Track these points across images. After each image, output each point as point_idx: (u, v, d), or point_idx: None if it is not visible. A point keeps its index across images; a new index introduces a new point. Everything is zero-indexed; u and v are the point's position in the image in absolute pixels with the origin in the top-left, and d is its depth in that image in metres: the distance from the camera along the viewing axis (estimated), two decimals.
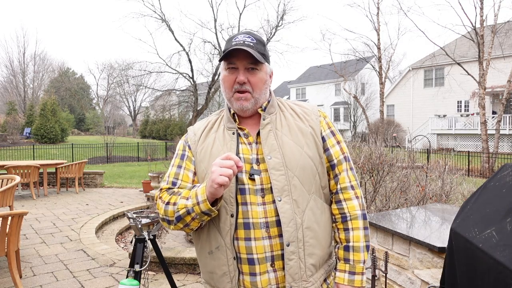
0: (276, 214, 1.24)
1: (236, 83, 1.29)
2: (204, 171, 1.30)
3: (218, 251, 1.27)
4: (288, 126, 1.34)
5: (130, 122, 52.59)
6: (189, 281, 3.85)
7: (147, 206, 7.25)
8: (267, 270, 1.24)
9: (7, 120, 28.13)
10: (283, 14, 26.03)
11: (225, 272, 1.26)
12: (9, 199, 5.29)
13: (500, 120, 15.81)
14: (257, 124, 1.35)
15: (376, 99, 29.54)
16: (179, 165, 1.36)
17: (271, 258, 1.24)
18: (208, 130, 1.39)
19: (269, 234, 1.23)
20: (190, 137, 1.40)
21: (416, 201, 4.50)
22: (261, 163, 1.28)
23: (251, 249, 1.23)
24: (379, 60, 22.30)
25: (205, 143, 1.35)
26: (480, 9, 14.65)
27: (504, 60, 19.43)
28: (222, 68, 1.34)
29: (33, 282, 3.86)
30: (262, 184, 1.26)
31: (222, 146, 1.31)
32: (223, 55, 1.29)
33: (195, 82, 26.83)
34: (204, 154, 1.32)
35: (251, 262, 1.24)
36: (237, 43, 1.27)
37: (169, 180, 1.34)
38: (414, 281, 2.35)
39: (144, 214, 2.96)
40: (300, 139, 1.32)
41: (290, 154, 1.27)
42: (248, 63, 1.28)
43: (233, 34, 1.36)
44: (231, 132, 1.34)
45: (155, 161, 16.78)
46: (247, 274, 1.25)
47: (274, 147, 1.28)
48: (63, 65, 50.90)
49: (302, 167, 1.28)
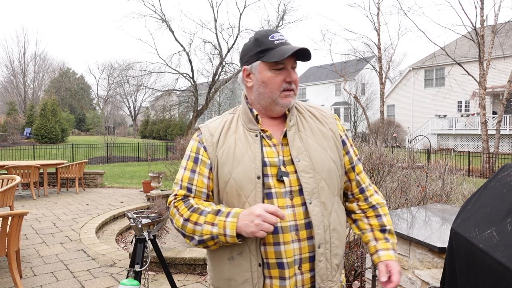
0: (305, 217, 1.24)
1: (285, 83, 1.28)
2: (227, 174, 1.26)
3: (241, 257, 1.23)
4: (310, 128, 1.34)
5: (131, 122, 52.59)
6: (189, 281, 3.85)
7: (147, 206, 7.25)
8: (295, 273, 1.23)
9: (8, 120, 28.14)
10: (284, 14, 26.05)
11: (247, 279, 1.23)
12: (10, 199, 5.29)
13: (501, 120, 15.79)
14: (278, 126, 1.34)
15: (377, 99, 29.54)
16: (192, 169, 1.31)
17: (299, 261, 1.23)
18: (226, 130, 1.33)
19: (299, 237, 1.22)
20: (206, 138, 1.33)
21: (417, 201, 4.50)
22: (288, 165, 1.27)
23: (280, 254, 1.21)
24: (380, 60, 22.29)
25: (226, 145, 1.30)
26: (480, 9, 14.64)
27: (504, 60, 19.43)
28: (264, 68, 1.28)
29: (33, 282, 3.86)
30: (291, 186, 1.25)
31: (246, 148, 1.27)
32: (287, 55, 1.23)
33: (195, 82, 26.83)
34: (227, 157, 1.27)
35: (281, 266, 1.22)
36: (282, 43, 1.27)
37: (183, 185, 1.31)
38: (414, 281, 2.35)
39: (144, 214, 2.96)
40: (323, 142, 1.33)
41: (317, 157, 1.28)
42: (293, 62, 1.29)
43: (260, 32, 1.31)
44: (254, 134, 1.30)
45: (155, 161, 16.79)
46: (276, 278, 1.23)
47: (301, 150, 1.28)
48: (63, 65, 50.96)
49: (328, 170, 1.29)
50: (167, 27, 25.24)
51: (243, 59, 1.34)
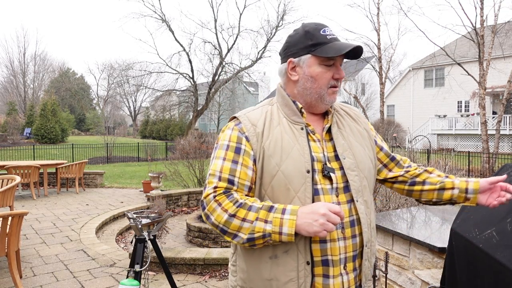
0: (350, 214, 1.22)
1: (333, 80, 1.26)
2: (275, 167, 1.19)
3: (287, 255, 1.17)
4: (349, 127, 1.34)
5: (130, 122, 52.59)
6: (189, 281, 3.85)
7: (147, 206, 7.25)
8: (340, 272, 1.19)
9: (8, 120, 28.16)
10: (283, 14, 26.07)
11: (292, 278, 1.17)
12: (9, 199, 5.29)
13: (501, 120, 15.79)
14: (318, 121, 1.32)
15: (377, 99, 29.53)
16: (234, 159, 1.21)
17: (344, 260, 1.20)
18: (269, 121, 1.27)
19: (344, 235, 1.20)
20: (248, 128, 1.25)
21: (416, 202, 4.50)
22: (332, 162, 1.25)
23: (325, 251, 1.18)
24: (379, 60, 22.28)
25: (272, 136, 1.23)
26: (480, 9, 14.64)
27: (504, 60, 19.42)
28: (314, 63, 1.25)
29: (33, 282, 3.86)
30: (337, 183, 1.22)
31: (294, 141, 1.22)
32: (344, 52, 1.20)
33: (195, 82, 26.85)
34: (274, 148, 1.21)
35: (325, 264, 1.18)
36: (334, 38, 1.25)
37: (223, 177, 1.19)
38: (414, 281, 2.35)
39: (144, 214, 2.96)
40: (361, 141, 1.33)
41: (359, 156, 1.28)
42: (342, 59, 1.27)
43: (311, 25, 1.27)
44: (299, 127, 1.26)
45: (155, 161, 16.77)
46: (319, 276, 1.18)
47: (345, 147, 1.27)
48: (63, 65, 50.99)
49: (369, 169, 1.30)
50: (167, 27, 25.27)
51: (289, 51, 1.28)
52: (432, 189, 1.39)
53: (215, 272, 4.02)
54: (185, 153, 9.37)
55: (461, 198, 1.35)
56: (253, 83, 40.97)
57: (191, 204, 7.89)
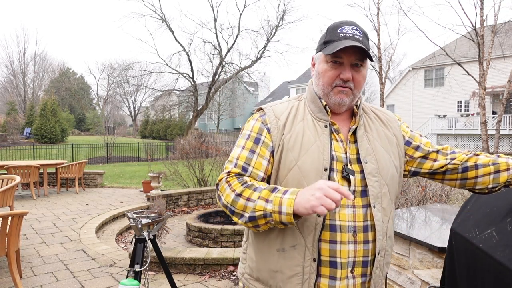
0: (364, 219, 1.19)
1: (339, 79, 1.22)
2: (292, 161, 1.20)
3: (294, 250, 1.17)
4: (376, 131, 1.30)
5: (130, 122, 52.58)
6: (189, 281, 3.85)
7: (147, 206, 7.25)
8: (347, 275, 1.18)
9: (7, 120, 28.15)
10: (283, 14, 26.07)
11: (298, 273, 1.17)
12: (9, 199, 5.29)
13: (500, 120, 15.81)
14: (345, 121, 1.30)
15: (376, 99, 29.55)
16: (252, 149, 1.23)
17: (352, 264, 1.18)
18: (293, 116, 1.27)
19: (355, 239, 1.18)
20: (271, 120, 1.26)
21: (416, 201, 4.50)
22: (353, 164, 1.23)
23: (335, 252, 1.17)
24: (379, 60, 22.29)
25: (294, 130, 1.23)
26: (480, 9, 14.65)
27: (504, 60, 19.43)
28: (322, 60, 1.25)
29: (33, 282, 3.86)
30: (355, 186, 1.20)
31: (315, 138, 1.22)
32: (335, 50, 1.17)
33: (195, 82, 26.85)
34: (294, 143, 1.21)
35: (333, 265, 1.17)
36: (346, 36, 1.19)
37: (238, 164, 1.21)
38: (414, 281, 2.35)
39: (144, 214, 2.96)
40: (388, 146, 1.30)
41: (383, 161, 1.25)
42: (355, 59, 1.20)
43: (336, 23, 1.24)
44: (323, 124, 1.24)
45: (155, 161, 16.77)
46: (326, 277, 1.18)
47: (369, 151, 1.24)
48: (63, 65, 50.94)
49: (391, 176, 1.26)
50: (167, 27, 25.28)
51: (316, 48, 1.31)
52: (487, 172, 1.30)
53: (215, 272, 4.02)
54: (185, 153, 9.37)
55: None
56: (253, 83, 40.98)
57: (191, 204, 7.89)
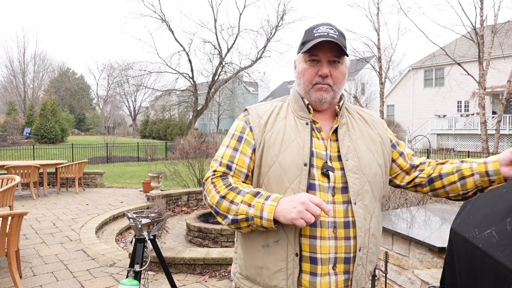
0: (345, 216, 1.21)
1: (318, 76, 1.27)
2: (273, 157, 1.24)
3: (277, 245, 1.20)
4: (359, 130, 1.34)
5: (130, 122, 52.57)
6: (189, 281, 3.85)
7: (147, 206, 7.25)
8: (328, 272, 1.19)
9: (7, 120, 28.14)
10: (283, 14, 26.06)
11: (282, 268, 1.20)
12: (9, 199, 5.29)
13: (500, 120, 15.81)
14: (328, 120, 1.34)
15: (376, 99, 29.54)
16: (235, 147, 1.29)
17: (334, 260, 1.20)
18: (275, 115, 1.32)
19: (336, 235, 1.20)
20: (253, 119, 1.32)
21: (416, 201, 4.50)
22: (333, 162, 1.26)
23: (315, 248, 1.19)
24: (379, 60, 22.28)
25: (275, 128, 1.28)
26: (480, 9, 14.65)
27: (504, 60, 19.43)
28: (301, 60, 1.30)
29: (33, 282, 3.86)
30: (335, 182, 1.23)
31: (295, 134, 1.26)
32: (309, 47, 1.23)
33: (195, 82, 26.84)
34: (275, 140, 1.26)
35: (313, 261, 1.19)
36: (321, 35, 1.24)
37: (223, 162, 1.28)
38: (414, 281, 2.35)
39: (144, 214, 2.96)
40: (371, 145, 1.32)
41: (364, 159, 1.27)
42: (332, 55, 1.25)
43: (312, 25, 1.31)
44: (304, 122, 1.29)
45: (155, 161, 16.76)
46: (307, 273, 1.20)
47: (350, 149, 1.27)
48: (63, 65, 50.92)
49: (374, 174, 1.28)
50: (167, 27, 25.26)
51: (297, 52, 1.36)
52: (452, 181, 1.32)
53: (215, 272, 4.03)
54: (185, 153, 9.37)
55: (485, 182, 1.26)
56: (253, 83, 40.99)
57: (191, 204, 7.89)
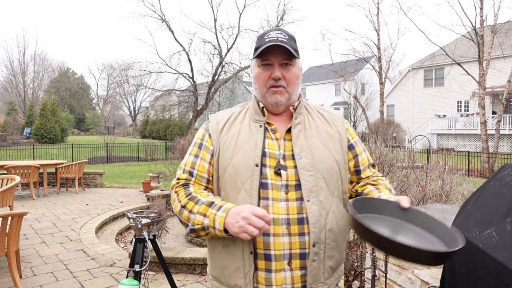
0: (299, 212, 1.23)
1: (271, 79, 1.31)
2: (227, 160, 1.29)
3: (234, 245, 1.24)
4: (317, 128, 1.36)
5: (130, 122, 52.56)
6: (189, 281, 3.85)
7: (147, 206, 7.25)
8: (283, 268, 1.22)
9: (7, 120, 28.12)
10: (283, 14, 26.03)
11: (239, 267, 1.24)
12: (9, 199, 5.29)
13: (500, 120, 15.80)
14: (285, 122, 1.36)
15: (376, 99, 29.55)
16: (196, 154, 1.36)
17: (288, 256, 1.22)
18: (232, 120, 1.38)
19: (289, 231, 1.22)
20: (212, 125, 1.38)
21: (416, 201, 4.50)
22: (287, 160, 1.28)
23: (269, 245, 1.22)
24: (379, 60, 22.30)
25: (230, 133, 1.34)
26: (480, 9, 14.65)
27: (504, 60, 19.43)
28: (255, 65, 1.35)
29: (33, 282, 3.86)
30: (287, 180, 1.25)
31: (248, 137, 1.31)
32: (259, 52, 1.28)
33: (195, 82, 26.81)
34: (229, 144, 1.31)
35: (268, 258, 1.22)
36: (271, 40, 1.28)
37: (185, 169, 1.35)
38: (414, 281, 2.35)
39: (144, 214, 2.96)
40: (328, 142, 1.34)
41: (319, 156, 1.29)
42: (283, 58, 1.30)
43: (264, 32, 1.35)
44: (258, 125, 1.34)
45: (155, 161, 16.77)
46: (262, 270, 1.23)
47: (304, 148, 1.29)
48: (63, 65, 50.91)
49: (329, 170, 1.30)
50: (166, 27, 25.22)
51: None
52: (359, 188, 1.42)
53: None
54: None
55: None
56: None
57: None
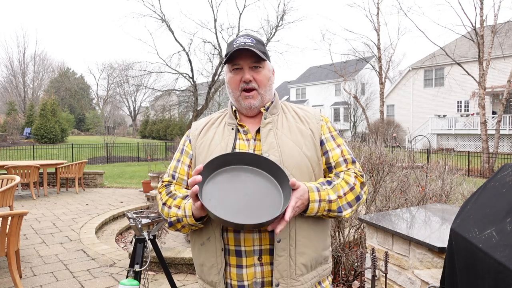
0: None
1: (242, 82, 1.36)
2: (201, 163, 1.31)
3: (209, 242, 1.29)
4: (288, 127, 1.39)
5: (130, 122, 52.56)
6: (189, 281, 3.85)
7: (147, 206, 7.25)
8: (254, 263, 1.25)
9: (7, 120, 28.14)
10: (283, 14, 26.00)
11: (214, 264, 1.28)
12: (9, 199, 5.29)
13: (500, 120, 15.80)
14: (258, 123, 1.40)
15: (376, 99, 29.54)
16: (178, 158, 1.44)
17: (259, 252, 1.25)
18: (209, 125, 1.46)
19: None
20: (192, 131, 1.47)
21: (416, 201, 4.50)
22: None
23: (239, 241, 1.25)
24: (379, 60, 22.29)
25: (205, 137, 1.42)
26: (480, 9, 14.65)
27: (504, 60, 19.44)
28: (227, 71, 1.41)
29: (33, 282, 3.86)
30: None
31: (220, 140, 1.37)
32: (227, 57, 1.34)
33: (195, 82, 26.81)
34: (203, 147, 1.39)
35: (239, 254, 1.26)
36: (238, 45, 1.33)
37: (169, 173, 1.43)
38: (414, 281, 2.35)
39: (144, 214, 2.96)
40: (299, 139, 1.36)
41: (288, 153, 1.31)
42: (252, 62, 1.35)
43: (233, 38, 1.42)
44: (231, 127, 1.40)
45: (155, 161, 16.77)
46: (233, 266, 1.27)
47: (273, 145, 1.32)
48: (63, 65, 50.94)
49: (299, 167, 1.30)
50: (166, 27, 25.21)
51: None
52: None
53: None
54: None
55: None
56: None
57: None
